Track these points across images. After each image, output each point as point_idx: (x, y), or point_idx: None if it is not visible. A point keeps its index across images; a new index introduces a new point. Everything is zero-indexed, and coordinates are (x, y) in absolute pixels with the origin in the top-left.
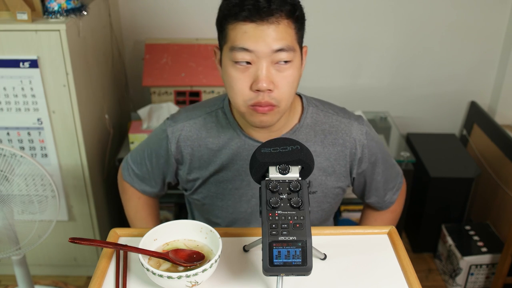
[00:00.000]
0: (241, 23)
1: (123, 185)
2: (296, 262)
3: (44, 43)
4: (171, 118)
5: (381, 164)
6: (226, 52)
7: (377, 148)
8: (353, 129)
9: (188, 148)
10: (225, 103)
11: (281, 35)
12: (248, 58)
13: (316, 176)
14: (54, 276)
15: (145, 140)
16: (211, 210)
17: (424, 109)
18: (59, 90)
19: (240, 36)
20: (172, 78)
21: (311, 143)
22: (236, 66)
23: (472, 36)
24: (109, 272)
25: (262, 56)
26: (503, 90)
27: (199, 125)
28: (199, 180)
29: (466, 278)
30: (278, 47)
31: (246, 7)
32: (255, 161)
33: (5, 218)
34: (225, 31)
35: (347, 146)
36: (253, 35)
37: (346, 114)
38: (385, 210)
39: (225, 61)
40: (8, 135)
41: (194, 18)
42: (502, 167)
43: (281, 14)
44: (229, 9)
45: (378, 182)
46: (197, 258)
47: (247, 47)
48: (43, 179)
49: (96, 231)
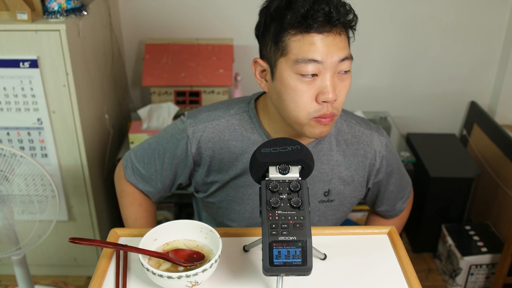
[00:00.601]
0: (308, 35)
1: (123, 186)
2: (296, 262)
3: (44, 43)
4: (191, 117)
5: (396, 175)
6: (287, 65)
7: (393, 159)
8: (374, 140)
9: (209, 150)
10: (251, 107)
11: (343, 45)
12: (315, 70)
13: (335, 185)
14: (54, 276)
15: (154, 139)
16: (227, 214)
17: (424, 109)
18: (59, 90)
19: (307, 48)
20: (172, 78)
21: (333, 152)
22: (302, 78)
23: (472, 36)
24: (109, 272)
25: (329, 67)
26: (503, 90)
27: (222, 126)
28: (217, 183)
29: (466, 278)
30: (343, 56)
31: (318, 19)
32: (255, 161)
33: (5, 218)
34: (284, 43)
35: (367, 157)
36: (321, 47)
37: (367, 125)
38: (394, 218)
39: (284, 74)
40: (8, 135)
41: (194, 18)
42: (502, 167)
43: (344, 24)
44: (298, 20)
45: (391, 192)
46: (197, 258)
47: (316, 59)
48: (43, 179)
49: (96, 231)
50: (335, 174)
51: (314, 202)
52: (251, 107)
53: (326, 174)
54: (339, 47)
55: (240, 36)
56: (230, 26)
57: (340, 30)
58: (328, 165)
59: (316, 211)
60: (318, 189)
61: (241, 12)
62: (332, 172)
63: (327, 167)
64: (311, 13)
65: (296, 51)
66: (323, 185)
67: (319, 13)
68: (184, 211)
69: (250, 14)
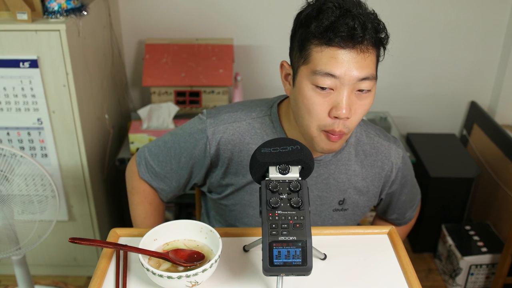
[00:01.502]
0: (330, 48)
1: (135, 183)
2: (296, 262)
3: (44, 43)
4: (212, 117)
5: (409, 185)
6: (306, 73)
7: (408, 171)
8: (392, 152)
9: (227, 152)
10: (273, 111)
11: (367, 63)
12: (331, 84)
13: (350, 195)
14: (54, 276)
15: (171, 137)
16: (240, 217)
17: (424, 109)
18: (59, 90)
19: (326, 61)
20: (172, 78)
21: (351, 162)
22: (317, 90)
23: (472, 36)
24: (109, 272)
25: (346, 83)
26: (503, 90)
27: (243, 129)
28: (233, 186)
29: (466, 278)
30: (364, 75)
31: (340, 33)
32: (255, 161)
33: (5, 218)
34: (307, 52)
35: (384, 169)
36: (341, 62)
37: (386, 136)
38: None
39: (302, 82)
40: (8, 135)
41: (194, 18)
42: (502, 167)
43: (371, 42)
44: (320, 31)
45: (403, 202)
46: (197, 258)
47: (334, 73)
48: (43, 179)
49: (96, 231)
50: (351, 184)
51: (329, 211)
52: (273, 111)
53: (343, 183)
54: (361, 65)
55: (240, 36)
56: (230, 26)
57: (366, 47)
58: (345, 174)
59: (329, 219)
60: (333, 198)
61: (241, 12)
62: (349, 182)
63: (344, 177)
64: (335, 26)
65: (316, 62)
66: (338, 194)
67: (342, 27)
68: (184, 211)
69: (250, 14)
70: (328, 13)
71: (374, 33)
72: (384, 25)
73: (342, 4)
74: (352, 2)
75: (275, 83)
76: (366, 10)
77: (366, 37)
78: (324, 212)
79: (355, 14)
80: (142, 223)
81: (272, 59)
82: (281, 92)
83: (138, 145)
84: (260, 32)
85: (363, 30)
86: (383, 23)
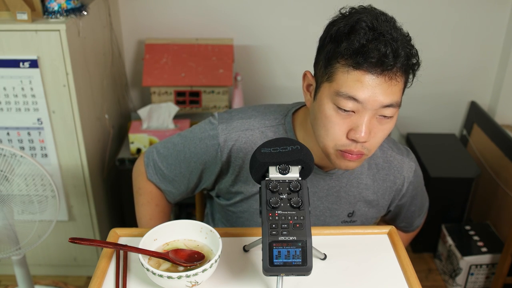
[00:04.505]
0: (357, 71)
1: (142, 183)
2: (296, 262)
3: (44, 43)
4: (224, 123)
5: (419, 197)
6: (329, 92)
7: (419, 183)
8: (404, 166)
9: (239, 160)
10: (287, 120)
11: (393, 90)
12: (353, 107)
13: (360, 208)
14: (54, 276)
15: (180, 139)
16: (248, 224)
17: (424, 109)
18: (59, 90)
19: (352, 84)
20: (172, 78)
21: (363, 176)
22: (338, 110)
23: (472, 36)
24: (109, 272)
25: (369, 108)
26: (503, 90)
27: (255, 137)
28: (242, 194)
29: (466, 278)
30: (388, 103)
31: (370, 59)
32: (255, 161)
33: (5, 218)
34: (333, 70)
35: (396, 183)
36: (366, 86)
37: (399, 150)
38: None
39: (323, 99)
40: (8, 135)
41: (194, 18)
42: (502, 167)
43: (401, 69)
44: (349, 53)
45: (412, 212)
46: (197, 258)
47: (357, 98)
48: (43, 179)
49: (96, 231)
50: (362, 197)
51: (337, 222)
52: (287, 120)
53: (353, 196)
54: (387, 92)
55: (240, 36)
56: (230, 26)
57: (395, 74)
58: (357, 188)
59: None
60: (343, 210)
61: (241, 12)
62: (360, 195)
63: (355, 190)
64: (365, 51)
65: (341, 82)
66: (348, 206)
67: (374, 53)
68: (184, 211)
69: (250, 14)
70: (360, 34)
71: (405, 60)
72: (416, 52)
73: (377, 25)
74: (387, 24)
75: (275, 83)
76: (401, 33)
77: (397, 65)
78: (333, 224)
79: (388, 39)
80: (147, 224)
81: (272, 59)
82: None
83: (138, 145)
84: (260, 32)
85: (394, 58)
86: (416, 50)
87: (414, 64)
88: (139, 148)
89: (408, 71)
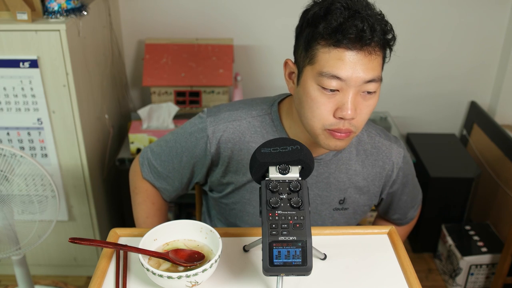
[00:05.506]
0: (337, 49)
1: (137, 183)
2: (296, 262)
3: (44, 43)
4: (212, 116)
5: (410, 185)
6: (311, 74)
7: (409, 170)
8: (393, 152)
9: (228, 150)
10: (274, 110)
11: (373, 66)
12: (337, 85)
13: (351, 194)
14: (54, 276)
15: (172, 136)
16: (240, 215)
17: (424, 109)
18: (59, 90)
19: (333, 63)
20: (172, 78)
21: (352, 162)
22: (323, 91)
23: (472, 36)
24: (109, 272)
25: (352, 85)
26: (503, 90)
27: (243, 128)
28: (233, 184)
29: (466, 278)
30: (370, 78)
31: (349, 35)
32: (255, 161)
33: (5, 218)
34: (313, 52)
35: (385, 168)
36: (347, 63)
37: (386, 136)
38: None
39: (307, 82)
40: (8, 135)
41: (194, 18)
42: (502, 167)
43: (379, 44)
44: (328, 32)
45: (404, 202)
46: (197, 258)
47: (340, 76)
48: (43, 179)
49: (96, 231)
50: (352, 183)
51: (329, 210)
52: (274, 110)
53: (343, 183)
54: (367, 67)
55: (240, 36)
56: (230, 26)
57: (373, 49)
58: (346, 174)
59: (329, 218)
60: (334, 197)
61: (241, 12)
62: (350, 181)
63: (345, 176)
64: (343, 28)
65: (323, 63)
66: (339, 193)
67: (351, 29)
68: (184, 211)
69: (250, 14)
70: (336, 13)
71: (382, 35)
72: (391, 27)
73: (351, 4)
74: (361, 3)
75: (275, 83)
76: (374, 11)
77: (375, 39)
78: (324, 211)
79: (364, 15)
80: (144, 222)
81: (272, 59)
82: (281, 91)
83: (138, 145)
84: (260, 32)
85: (371, 32)
86: (391, 25)
87: (390, 39)
88: (139, 148)
89: (385, 46)
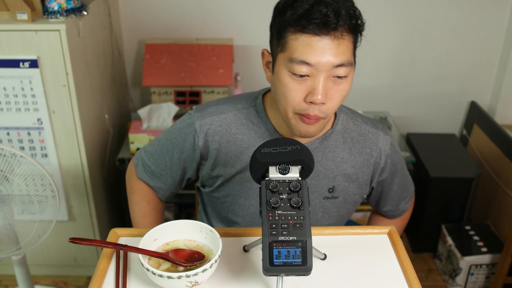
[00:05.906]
0: (305, 35)
1: (133, 183)
2: (296, 262)
3: (44, 43)
4: (199, 111)
5: (400, 174)
6: (283, 61)
7: (398, 159)
8: (380, 139)
9: (215, 143)
10: (258, 102)
11: (342, 50)
12: (307, 71)
13: (340, 182)
14: (54, 276)
15: (163, 135)
16: (232, 208)
17: (424, 109)
18: (59, 90)
19: (302, 49)
20: (172, 78)
21: (339, 150)
22: (293, 76)
23: (472, 36)
24: (109, 272)
25: (322, 70)
26: (503, 90)
27: (229, 120)
28: (222, 177)
29: (466, 278)
30: (339, 62)
31: (313, 20)
32: (255, 161)
33: (5, 218)
34: (284, 40)
35: (373, 155)
36: (315, 49)
37: (373, 124)
38: (396, 218)
39: (280, 69)
40: (8, 135)
41: (194, 18)
42: (502, 167)
43: (346, 28)
44: (294, 19)
45: (395, 192)
46: (197, 258)
47: (308, 61)
48: (43, 179)
49: (96, 231)
50: (340, 171)
51: (319, 198)
52: (258, 102)
53: (331, 170)
54: (335, 51)
55: (240, 36)
56: (230, 26)
57: (340, 33)
58: (333, 162)
59: (320, 207)
60: (323, 186)
61: (241, 12)
62: (338, 169)
63: (332, 164)
64: (308, 14)
65: (292, 49)
66: (328, 181)
67: (316, 14)
68: (184, 211)
69: (250, 14)
70: (303, 1)
71: (348, 19)
72: (359, 12)
73: None
74: None
75: None
76: None
77: (340, 23)
78: (315, 201)
79: (329, 1)
80: (140, 222)
81: None
82: None
83: (138, 145)
84: (260, 32)
85: (336, 17)
86: (359, 10)
87: (359, 24)
88: (139, 148)
89: (354, 31)
